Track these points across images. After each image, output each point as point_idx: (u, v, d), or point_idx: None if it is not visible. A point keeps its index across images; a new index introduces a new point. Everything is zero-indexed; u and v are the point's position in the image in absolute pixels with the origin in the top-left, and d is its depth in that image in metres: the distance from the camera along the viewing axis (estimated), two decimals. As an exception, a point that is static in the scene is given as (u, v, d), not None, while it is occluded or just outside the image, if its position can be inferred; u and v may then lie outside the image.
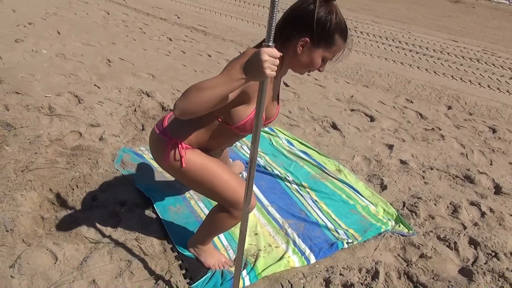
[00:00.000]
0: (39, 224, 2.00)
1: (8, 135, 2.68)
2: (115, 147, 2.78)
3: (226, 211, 1.67)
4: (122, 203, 2.22)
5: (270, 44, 1.11)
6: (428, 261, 2.05)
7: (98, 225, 2.03)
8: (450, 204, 2.59)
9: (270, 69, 1.11)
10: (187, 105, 1.26)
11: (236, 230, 2.09)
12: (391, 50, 6.54)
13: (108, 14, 6.46)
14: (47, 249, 1.83)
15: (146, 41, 5.32)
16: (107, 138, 2.86)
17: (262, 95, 1.20)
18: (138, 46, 5.04)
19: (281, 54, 1.17)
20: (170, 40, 5.62)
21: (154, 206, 2.20)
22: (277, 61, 1.12)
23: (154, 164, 2.60)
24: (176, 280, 1.78)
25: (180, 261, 1.87)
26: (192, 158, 1.59)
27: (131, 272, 1.78)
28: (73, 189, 2.27)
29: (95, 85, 3.72)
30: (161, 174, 2.51)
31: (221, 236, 2.07)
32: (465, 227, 2.37)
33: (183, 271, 1.83)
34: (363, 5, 10.78)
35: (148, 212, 2.17)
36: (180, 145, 1.57)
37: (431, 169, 3.00)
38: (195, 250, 1.90)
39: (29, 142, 2.63)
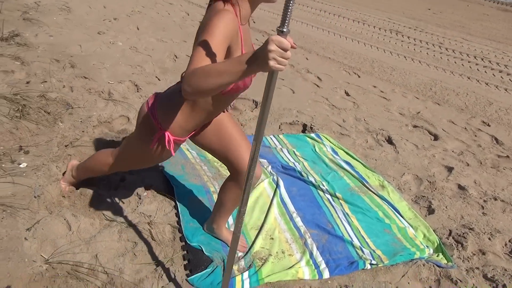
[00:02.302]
0: (66, 196, 2.09)
1: (65, 113, 2.87)
2: (157, 135, 2.84)
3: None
4: (147, 187, 2.24)
5: (284, 30, 0.94)
6: (465, 301, 1.76)
7: (118, 205, 2.06)
8: (509, 241, 2.22)
9: (275, 62, 0.95)
10: (198, 90, 1.11)
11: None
12: (477, 69, 5.93)
13: (188, 14, 6.76)
14: (65, 219, 1.89)
15: (216, 42, 5.45)
16: (152, 126, 2.94)
17: (270, 90, 1.04)
18: (207, 46, 5.18)
19: (294, 44, 1.02)
20: (240, 42, 5.67)
21: (175, 193, 2.18)
22: (287, 54, 0.96)
23: (188, 155, 2.60)
24: (176, 270, 1.72)
25: (185, 252, 1.82)
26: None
27: (135, 254, 1.77)
28: (106, 168, 2.34)
29: (156, 77, 3.87)
30: (192, 166, 2.50)
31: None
32: (522, 270, 2.00)
33: (185, 262, 1.77)
34: (454, 22, 10.00)
35: (169, 200, 2.16)
36: (168, 137, 1.53)
37: (495, 199, 2.60)
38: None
39: (80, 121, 2.79)
